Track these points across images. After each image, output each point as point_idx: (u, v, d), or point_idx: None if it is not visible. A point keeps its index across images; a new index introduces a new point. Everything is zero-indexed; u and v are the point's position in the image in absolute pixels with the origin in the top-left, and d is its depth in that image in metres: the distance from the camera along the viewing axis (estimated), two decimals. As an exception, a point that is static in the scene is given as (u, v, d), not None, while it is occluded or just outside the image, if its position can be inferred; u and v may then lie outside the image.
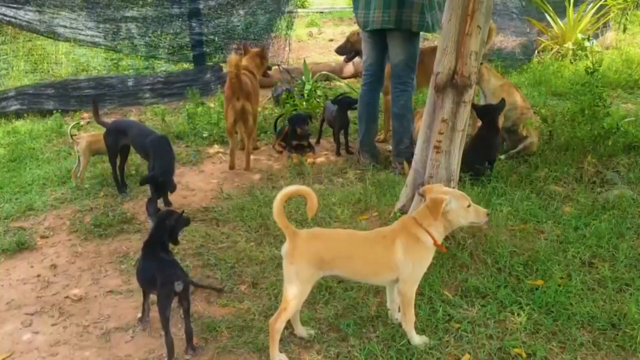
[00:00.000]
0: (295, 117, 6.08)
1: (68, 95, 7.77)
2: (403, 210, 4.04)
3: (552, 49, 9.36)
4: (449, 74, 3.66)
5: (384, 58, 5.44)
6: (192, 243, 4.22)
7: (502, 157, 5.41)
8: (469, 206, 2.96)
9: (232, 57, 5.45)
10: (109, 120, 5.76)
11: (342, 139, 6.08)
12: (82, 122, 7.25)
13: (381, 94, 5.83)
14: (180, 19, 8.19)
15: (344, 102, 6.00)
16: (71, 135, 5.54)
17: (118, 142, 4.96)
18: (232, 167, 5.70)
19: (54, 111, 7.48)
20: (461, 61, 3.61)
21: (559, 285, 3.39)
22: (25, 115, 7.49)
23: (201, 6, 8.13)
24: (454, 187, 3.86)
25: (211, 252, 4.10)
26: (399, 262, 2.90)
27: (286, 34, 9.04)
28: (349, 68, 9.18)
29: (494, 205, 4.29)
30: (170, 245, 4.11)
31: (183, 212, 3.59)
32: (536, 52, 9.55)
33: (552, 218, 4.23)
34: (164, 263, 3.14)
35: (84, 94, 7.73)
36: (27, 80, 8.07)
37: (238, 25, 8.50)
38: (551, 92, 7.75)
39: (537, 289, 3.40)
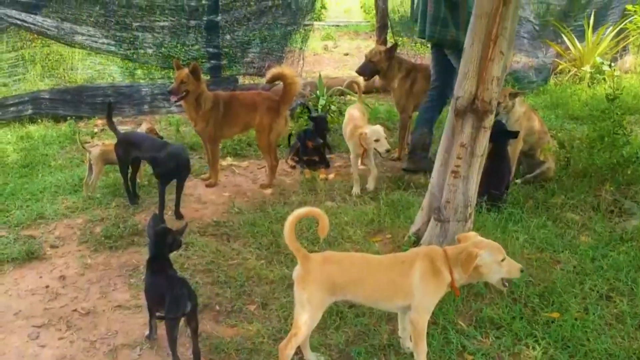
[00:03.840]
0: (304, 132, 6.05)
1: (82, 102, 7.77)
2: (417, 235, 3.99)
3: (569, 71, 9.28)
4: (469, 99, 3.61)
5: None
6: (203, 259, 4.18)
7: (519, 181, 5.34)
8: (503, 260, 2.86)
9: None
10: (122, 129, 5.75)
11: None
12: (95, 130, 7.25)
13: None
14: (196, 31, 8.21)
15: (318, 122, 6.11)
16: (82, 143, 5.52)
17: (129, 154, 4.93)
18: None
19: (68, 117, 7.50)
20: (482, 86, 3.56)
21: (576, 319, 3.31)
22: (39, 120, 7.50)
23: (218, 19, 8.13)
24: (470, 213, 3.81)
25: (221, 269, 4.05)
26: (414, 287, 2.85)
27: (301, 48, 8.98)
28: (361, 82, 9.09)
29: (510, 232, 4.22)
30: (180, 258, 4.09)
31: (186, 225, 3.65)
32: (553, 74, 9.47)
33: (568, 247, 4.15)
34: (173, 282, 3.09)
35: (99, 101, 7.73)
36: (43, 85, 8.09)
37: (254, 40, 8.50)
38: (568, 115, 7.66)
39: (553, 321, 3.33)
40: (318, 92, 7.88)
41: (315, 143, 5.96)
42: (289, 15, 8.62)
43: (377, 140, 5.19)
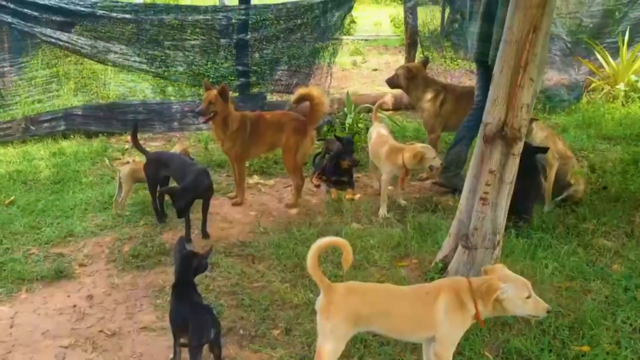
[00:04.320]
0: (338, 153, 5.98)
1: (114, 119, 7.93)
2: (445, 261, 3.93)
3: (602, 89, 9.09)
4: (498, 125, 3.56)
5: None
6: (228, 280, 4.18)
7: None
8: (528, 297, 2.78)
9: None
10: (149, 148, 5.81)
11: None
12: (126, 146, 7.37)
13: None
14: (226, 49, 8.32)
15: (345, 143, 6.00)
16: (111, 161, 5.61)
17: (158, 173, 4.99)
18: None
19: (100, 134, 7.63)
20: (511, 113, 3.51)
21: (608, 354, 3.21)
22: (72, 136, 7.65)
23: (248, 37, 8.22)
24: (498, 240, 3.74)
25: (245, 291, 4.04)
26: (439, 320, 2.80)
27: (329, 64, 8.95)
28: (388, 100, 9.05)
29: (539, 259, 4.13)
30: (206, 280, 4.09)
31: (211, 249, 3.61)
32: (585, 92, 9.28)
33: (600, 276, 4.03)
34: (197, 308, 3.10)
35: (130, 117, 7.87)
36: (76, 101, 8.26)
37: (282, 58, 8.55)
38: (601, 135, 7.47)
39: (583, 355, 3.23)
40: (345, 109, 7.87)
41: (351, 163, 5.92)
42: (318, 33, 8.63)
43: (434, 157, 5.34)
